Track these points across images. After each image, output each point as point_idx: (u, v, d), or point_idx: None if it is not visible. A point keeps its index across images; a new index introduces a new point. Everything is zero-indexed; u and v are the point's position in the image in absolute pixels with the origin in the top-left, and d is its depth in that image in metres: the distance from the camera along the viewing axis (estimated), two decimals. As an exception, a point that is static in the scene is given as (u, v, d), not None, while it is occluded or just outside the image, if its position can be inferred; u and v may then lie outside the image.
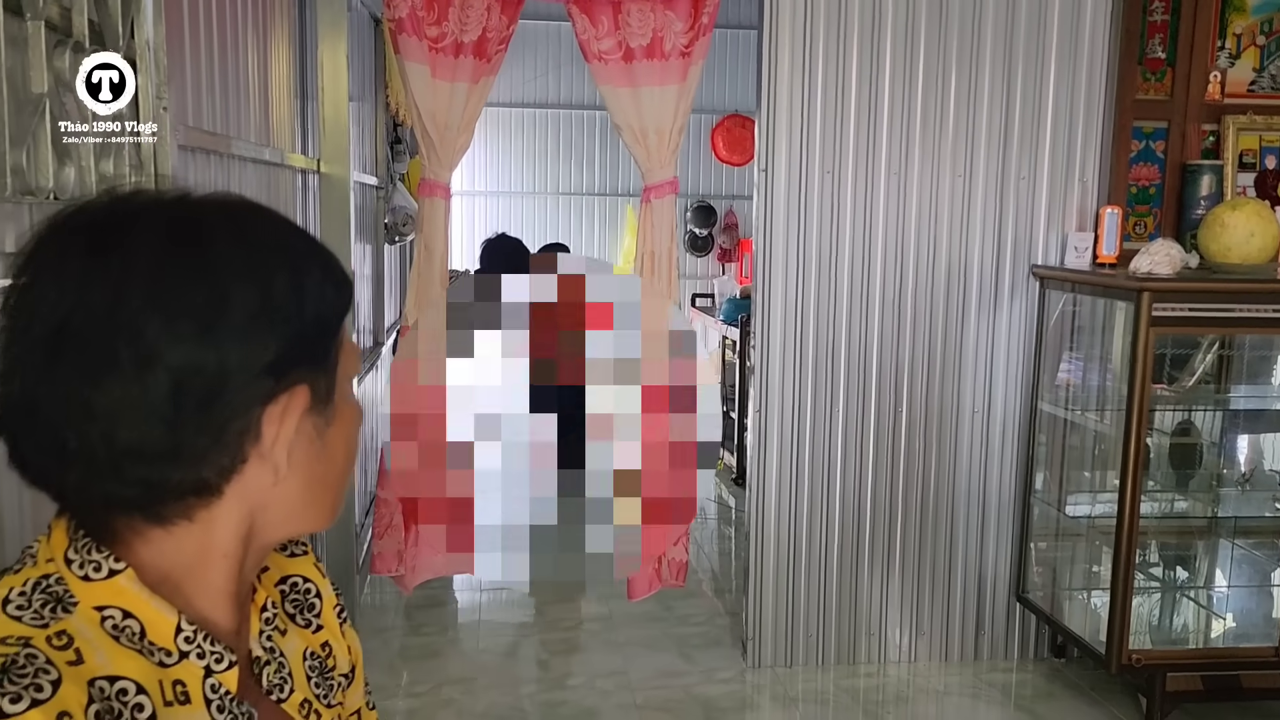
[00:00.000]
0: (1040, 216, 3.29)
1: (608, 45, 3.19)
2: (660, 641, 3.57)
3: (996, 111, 3.23)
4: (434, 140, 3.21)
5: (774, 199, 3.20)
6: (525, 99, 8.77)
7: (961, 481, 3.38)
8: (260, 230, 0.69)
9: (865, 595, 3.39)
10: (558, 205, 9.13)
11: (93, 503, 0.66)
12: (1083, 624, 3.24)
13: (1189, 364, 3.27)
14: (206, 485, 0.66)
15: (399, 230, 5.16)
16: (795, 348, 3.26)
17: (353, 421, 0.76)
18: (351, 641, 0.89)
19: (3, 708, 0.55)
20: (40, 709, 0.56)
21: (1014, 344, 3.33)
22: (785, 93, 3.16)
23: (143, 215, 0.66)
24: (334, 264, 0.73)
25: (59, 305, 0.62)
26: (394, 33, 3.14)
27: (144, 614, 0.66)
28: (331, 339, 0.72)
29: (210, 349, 0.63)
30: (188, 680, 0.67)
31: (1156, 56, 3.44)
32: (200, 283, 0.64)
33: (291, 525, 0.74)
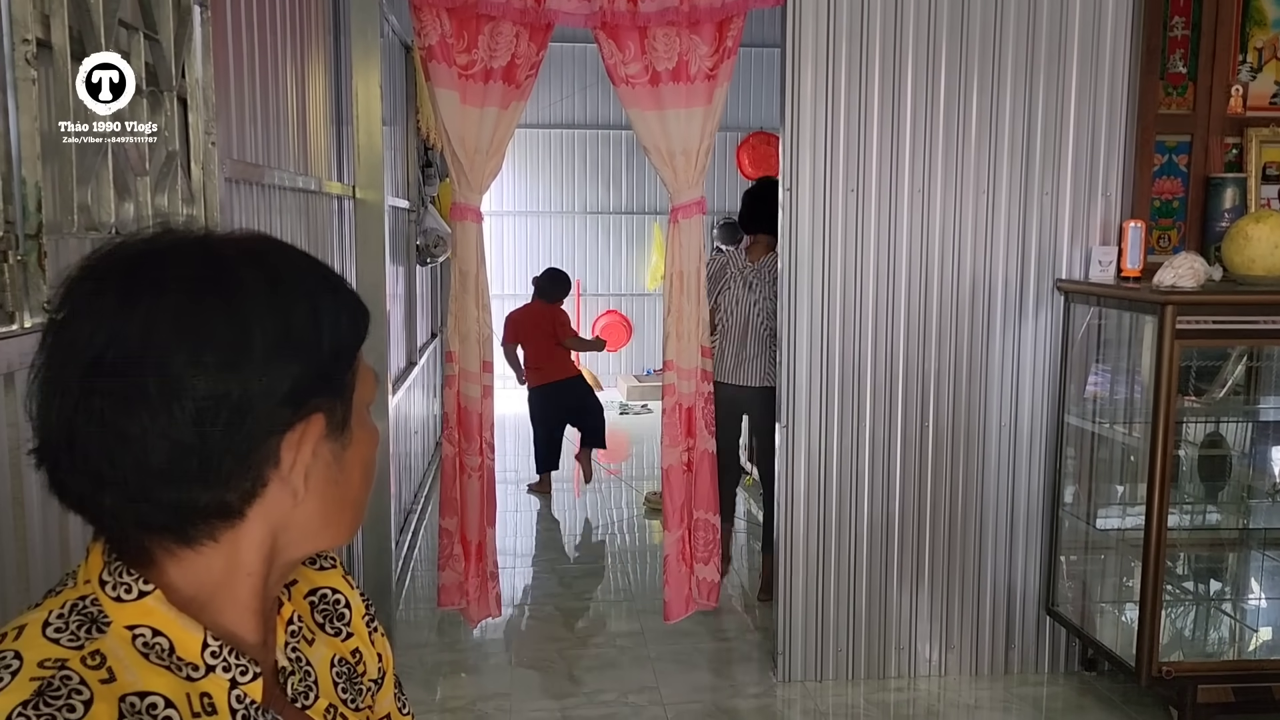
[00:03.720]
0: (1064, 231, 3.31)
1: (634, 69, 3.25)
2: (691, 657, 3.61)
3: (1018, 127, 3.26)
4: (464, 165, 3.28)
5: (799, 217, 3.25)
6: (552, 120, 8.88)
7: (989, 495, 3.39)
8: (280, 266, 0.74)
9: (894, 609, 3.41)
10: (585, 224, 9.22)
11: (126, 525, 0.70)
12: (1113, 637, 3.25)
13: (1218, 376, 3.28)
14: (230, 508, 0.71)
15: (430, 252, 5.25)
16: (821, 363, 3.30)
17: (369, 445, 0.80)
18: (381, 648, 0.94)
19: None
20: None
21: (1039, 357, 3.35)
22: (809, 112, 3.21)
23: (170, 255, 0.71)
24: (350, 296, 0.77)
25: (94, 339, 0.67)
26: (425, 60, 3.21)
27: (172, 631, 0.71)
28: (348, 368, 0.76)
29: (233, 380, 0.67)
30: (214, 692, 0.72)
31: (1178, 71, 3.46)
32: (224, 318, 0.68)
33: (311, 543, 0.79)
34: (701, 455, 3.47)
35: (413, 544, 4.72)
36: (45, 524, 1.31)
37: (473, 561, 3.45)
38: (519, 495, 5.72)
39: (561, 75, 8.69)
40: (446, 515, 3.45)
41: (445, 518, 3.46)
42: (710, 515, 3.51)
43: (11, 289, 1.18)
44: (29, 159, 1.20)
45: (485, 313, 3.38)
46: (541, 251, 9.09)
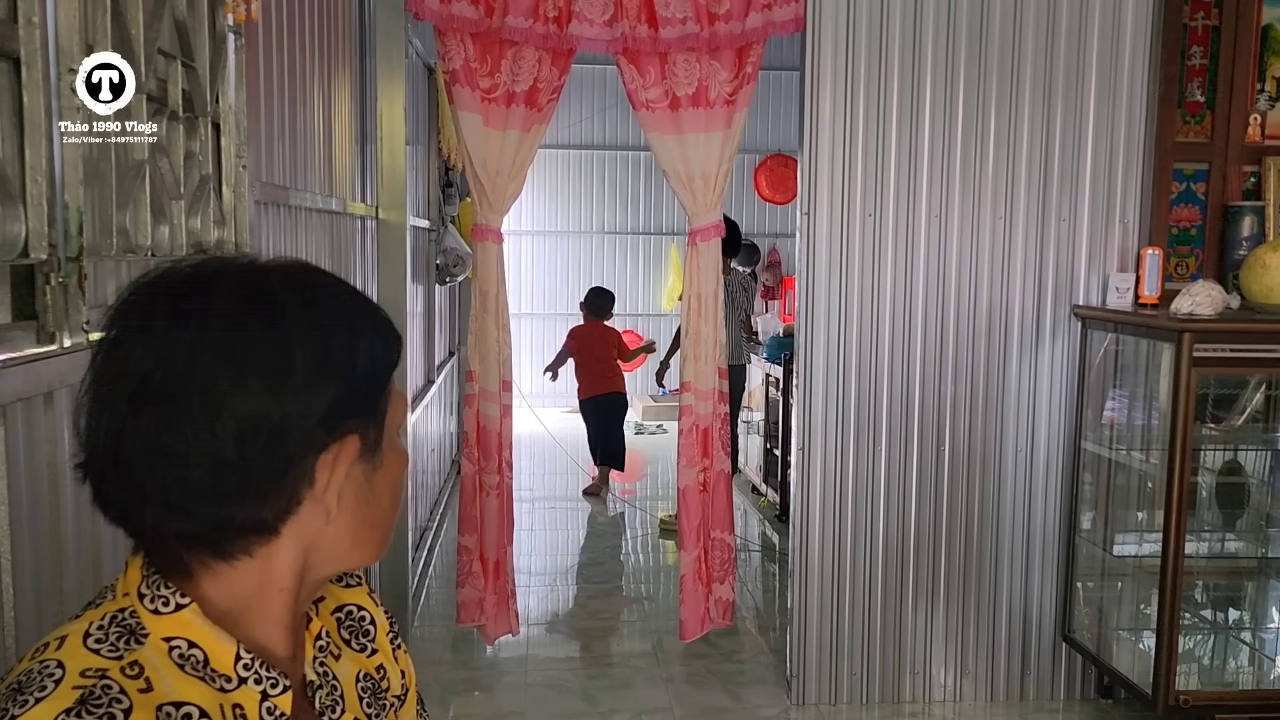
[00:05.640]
0: (1081, 257, 3.32)
1: (655, 94, 3.29)
2: (705, 678, 3.61)
3: (1036, 154, 3.28)
4: (486, 187, 3.32)
5: (816, 241, 3.27)
6: (572, 140, 8.95)
7: (1005, 520, 3.39)
8: (319, 293, 0.77)
9: (909, 634, 3.41)
10: (603, 244, 9.26)
11: (166, 539, 0.73)
12: (1130, 664, 3.23)
13: (1236, 403, 3.27)
14: (265, 525, 0.74)
15: (449, 271, 5.30)
16: (838, 386, 3.31)
17: (399, 467, 0.83)
18: (405, 665, 0.97)
19: None
20: None
21: (1056, 383, 3.35)
22: (827, 137, 3.24)
23: (216, 280, 0.74)
24: (385, 322, 0.80)
25: (143, 360, 0.70)
26: (448, 83, 3.26)
27: (207, 644, 0.73)
28: (381, 391, 0.79)
29: (273, 402, 0.70)
30: (246, 704, 0.74)
31: (1196, 100, 3.47)
32: (266, 342, 0.71)
33: (341, 562, 0.81)
34: (718, 476, 3.49)
35: (428, 561, 4.74)
36: (79, 537, 1.34)
37: (491, 579, 3.47)
38: (535, 513, 5.74)
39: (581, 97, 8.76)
40: (466, 533, 3.47)
41: (464, 535, 3.48)
42: (726, 535, 3.52)
43: (53, 310, 1.21)
44: (71, 184, 1.24)
45: (505, 332, 3.42)
46: (559, 271, 9.14)
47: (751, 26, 3.25)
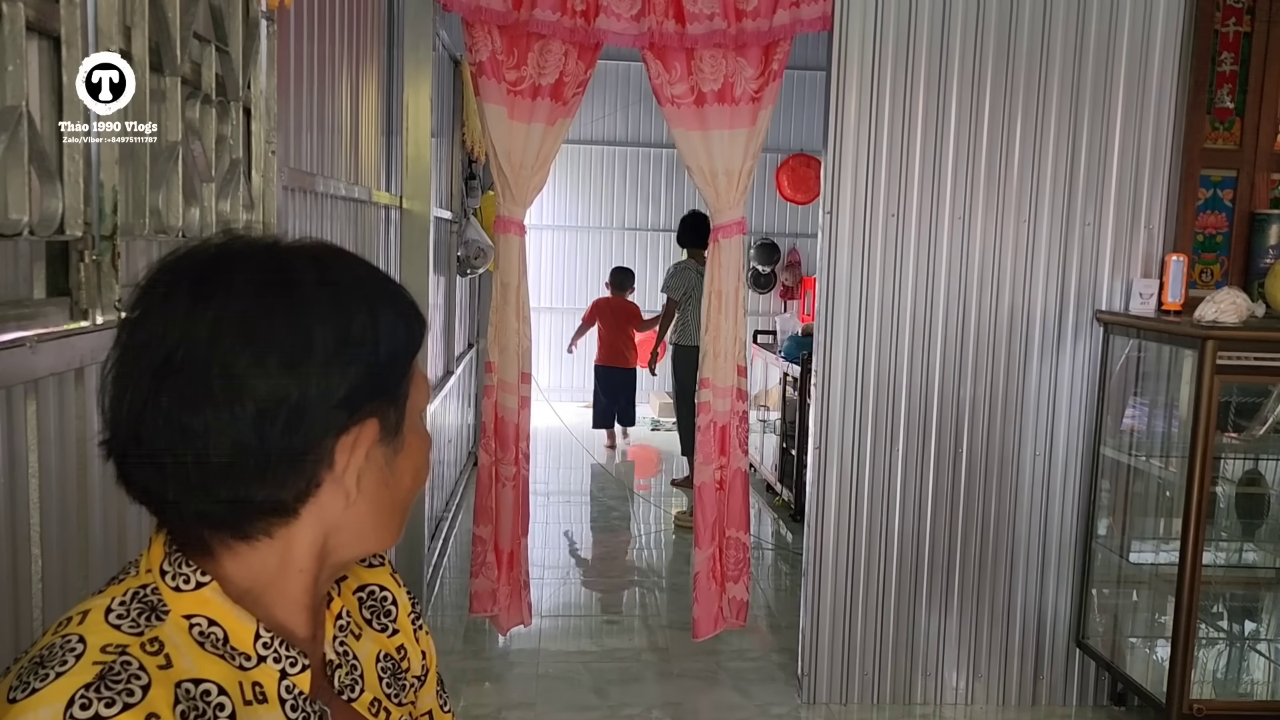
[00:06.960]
0: (1105, 262, 3.30)
1: (680, 90, 3.29)
2: (716, 675, 3.61)
3: (1062, 157, 3.27)
4: (509, 179, 3.33)
5: (838, 241, 3.27)
6: (595, 136, 8.96)
7: (1022, 524, 3.38)
8: (342, 274, 0.77)
9: (922, 635, 3.41)
10: (623, 240, 9.27)
11: (187, 518, 0.74)
12: (1144, 672, 3.22)
13: (1259, 412, 3.25)
14: (285, 506, 0.74)
15: (470, 263, 5.32)
16: (856, 386, 3.31)
17: (421, 451, 0.83)
18: (426, 646, 0.97)
19: (99, 712, 0.63)
20: (131, 712, 0.64)
21: (1076, 388, 3.34)
22: (851, 136, 3.23)
23: (239, 260, 0.74)
24: (408, 303, 0.80)
25: (165, 339, 0.70)
26: (475, 75, 3.27)
27: (227, 622, 0.74)
28: (403, 374, 0.79)
29: (293, 382, 0.70)
30: (265, 682, 0.75)
31: (1225, 106, 3.45)
32: (287, 323, 0.71)
33: (361, 545, 0.81)
34: (734, 474, 3.49)
35: (443, 551, 4.76)
36: (105, 513, 1.36)
37: (505, 569, 3.48)
38: (550, 506, 5.76)
39: (605, 92, 8.77)
40: (481, 523, 3.49)
41: (479, 526, 3.49)
42: (741, 534, 3.52)
43: (87, 287, 1.23)
44: (107, 163, 1.26)
45: (525, 325, 3.43)
46: (580, 266, 9.15)
47: (779, 24, 3.24)
